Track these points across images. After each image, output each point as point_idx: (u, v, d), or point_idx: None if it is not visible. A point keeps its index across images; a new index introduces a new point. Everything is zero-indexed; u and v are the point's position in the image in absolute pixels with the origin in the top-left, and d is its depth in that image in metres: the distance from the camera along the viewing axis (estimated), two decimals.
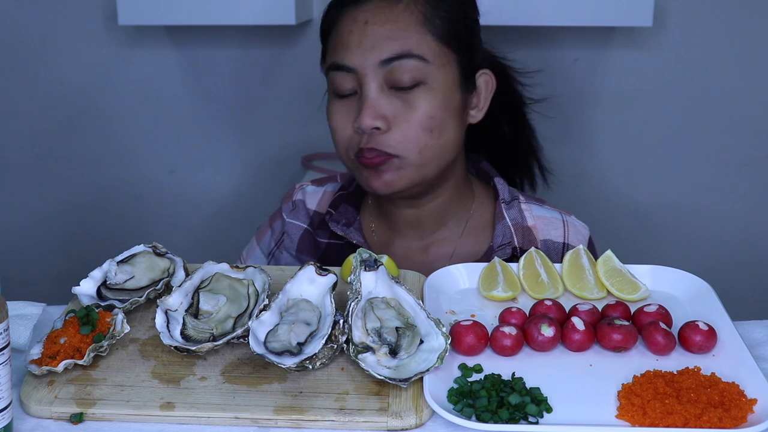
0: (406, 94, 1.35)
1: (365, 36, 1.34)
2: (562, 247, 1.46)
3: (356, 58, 1.34)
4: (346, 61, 1.35)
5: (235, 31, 2.27)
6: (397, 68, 1.33)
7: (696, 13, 2.16)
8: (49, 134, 2.38)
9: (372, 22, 1.35)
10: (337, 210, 1.51)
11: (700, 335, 1.08)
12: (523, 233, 1.45)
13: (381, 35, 1.34)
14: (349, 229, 1.49)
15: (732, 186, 2.31)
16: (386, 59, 1.33)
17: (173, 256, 1.24)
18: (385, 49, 1.33)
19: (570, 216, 1.51)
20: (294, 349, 1.05)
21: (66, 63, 2.31)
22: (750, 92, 2.23)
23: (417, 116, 1.34)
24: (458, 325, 1.09)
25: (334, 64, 1.37)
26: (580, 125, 2.27)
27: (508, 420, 0.96)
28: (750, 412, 0.97)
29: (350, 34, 1.35)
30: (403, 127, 1.35)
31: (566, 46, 2.20)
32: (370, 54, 1.34)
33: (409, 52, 1.34)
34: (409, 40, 1.34)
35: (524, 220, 1.47)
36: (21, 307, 1.19)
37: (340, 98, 1.38)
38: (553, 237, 1.47)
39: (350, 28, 1.36)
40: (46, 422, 1.00)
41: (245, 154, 2.42)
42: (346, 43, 1.36)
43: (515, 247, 1.44)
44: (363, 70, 1.34)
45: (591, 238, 1.51)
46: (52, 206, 2.45)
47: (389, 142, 1.35)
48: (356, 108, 1.36)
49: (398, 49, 1.34)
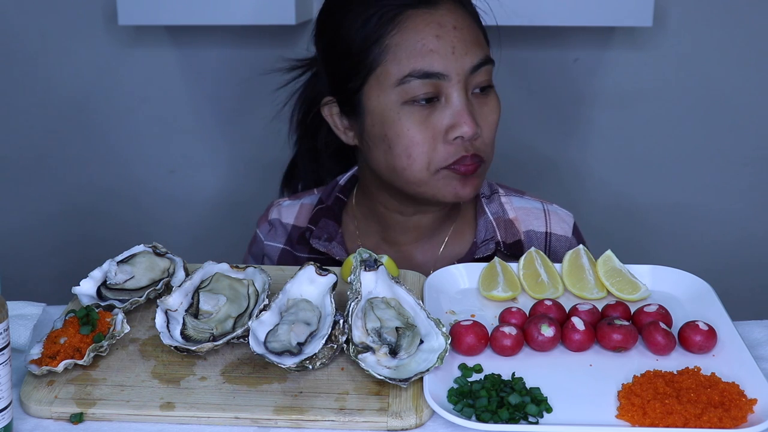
0: (483, 98, 1.34)
1: (458, 41, 1.30)
2: (545, 236, 1.46)
3: (450, 65, 1.29)
4: (437, 68, 1.29)
5: (235, 31, 2.26)
6: (479, 73, 1.32)
7: (696, 13, 2.16)
8: (49, 134, 2.38)
9: (459, 27, 1.31)
10: (317, 225, 1.48)
11: (700, 335, 1.08)
12: (506, 226, 1.44)
13: (470, 41, 1.31)
14: (331, 244, 1.46)
15: (732, 186, 2.31)
16: (477, 65, 1.31)
17: (173, 256, 1.24)
18: (475, 55, 1.31)
19: (552, 205, 1.50)
20: (294, 349, 1.05)
21: (66, 63, 2.30)
22: (750, 92, 2.23)
23: (494, 119, 1.34)
24: (458, 325, 1.09)
25: (421, 72, 1.28)
26: (580, 125, 2.27)
27: (508, 420, 0.96)
28: (750, 412, 0.97)
29: (440, 39, 1.29)
30: (487, 131, 1.33)
31: (566, 46, 2.20)
32: (463, 60, 1.30)
33: (488, 56, 1.34)
34: (483, 44, 1.34)
35: (505, 213, 1.46)
36: (21, 307, 1.19)
37: (421, 106, 1.30)
38: (536, 227, 1.46)
39: (437, 32, 1.29)
40: (46, 422, 1.00)
41: (245, 155, 2.42)
42: (436, 48, 1.29)
43: (498, 242, 1.43)
44: (456, 77, 1.29)
45: (576, 224, 1.50)
46: (52, 206, 2.45)
47: (482, 147, 1.33)
48: (440, 116, 1.30)
49: (482, 55, 1.32)
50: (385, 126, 1.32)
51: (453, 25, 1.30)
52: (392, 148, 1.32)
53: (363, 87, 1.33)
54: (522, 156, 2.24)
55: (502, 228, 1.44)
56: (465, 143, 1.31)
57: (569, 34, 2.17)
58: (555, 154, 2.29)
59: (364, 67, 1.32)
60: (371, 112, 1.33)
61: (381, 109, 1.32)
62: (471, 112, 1.30)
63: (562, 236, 1.47)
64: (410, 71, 1.29)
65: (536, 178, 2.30)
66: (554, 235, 1.46)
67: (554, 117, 2.25)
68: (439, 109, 1.30)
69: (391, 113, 1.31)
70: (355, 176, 1.54)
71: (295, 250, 1.51)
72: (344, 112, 1.40)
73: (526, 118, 2.21)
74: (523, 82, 2.18)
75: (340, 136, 1.43)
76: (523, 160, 2.25)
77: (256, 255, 1.58)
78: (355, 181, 1.54)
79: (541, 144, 2.27)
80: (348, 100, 1.37)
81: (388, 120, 1.31)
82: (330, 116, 1.42)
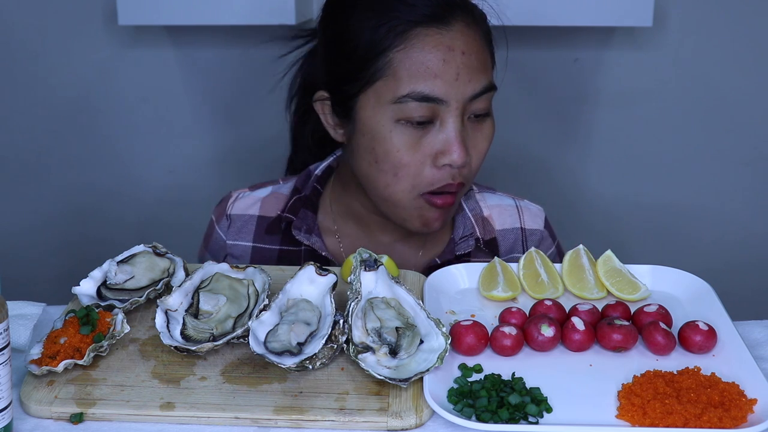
0: (479, 124, 1.30)
1: (463, 67, 1.24)
2: (521, 232, 1.46)
3: (451, 91, 1.24)
4: (437, 93, 1.24)
5: (235, 31, 2.26)
6: (480, 100, 1.27)
7: (696, 13, 2.16)
8: (49, 134, 2.38)
9: (468, 52, 1.25)
10: (297, 216, 1.43)
11: (700, 335, 1.08)
12: (483, 223, 1.44)
13: (475, 68, 1.26)
14: (312, 237, 1.42)
15: (732, 186, 2.31)
16: (478, 93, 1.26)
17: (173, 256, 1.24)
18: (478, 83, 1.26)
19: (523, 201, 1.50)
20: (294, 349, 1.05)
21: (65, 63, 2.30)
22: (750, 92, 2.23)
23: (485, 147, 1.31)
24: (458, 325, 1.09)
25: (421, 95, 1.24)
26: (580, 125, 2.27)
27: (508, 420, 0.96)
28: (750, 412, 0.97)
29: (446, 64, 1.23)
30: (475, 158, 1.30)
31: (566, 46, 2.20)
32: (466, 87, 1.25)
33: (491, 83, 1.29)
34: (488, 70, 1.29)
35: (480, 210, 1.45)
36: (21, 307, 1.19)
37: (414, 127, 1.26)
38: (509, 225, 1.46)
39: (444, 56, 1.24)
40: (46, 422, 1.00)
41: (245, 155, 2.42)
42: (440, 72, 1.23)
43: (478, 238, 1.43)
44: (455, 103, 1.25)
45: (547, 218, 1.50)
46: (52, 206, 2.45)
47: (468, 174, 1.30)
48: (433, 141, 1.26)
49: (486, 82, 1.28)
50: (375, 140, 1.28)
51: (462, 50, 1.25)
52: (378, 163, 1.29)
53: (359, 95, 1.29)
54: (522, 156, 2.24)
55: (480, 225, 1.44)
56: (453, 171, 1.28)
57: (569, 34, 2.17)
58: (555, 154, 2.29)
59: (364, 76, 1.27)
60: (363, 122, 1.29)
61: (373, 122, 1.28)
62: (464, 139, 1.27)
63: (535, 230, 1.48)
64: (409, 92, 1.24)
65: (536, 177, 2.30)
66: (527, 230, 1.47)
67: (554, 117, 2.25)
68: (433, 133, 1.27)
69: (382, 129, 1.27)
70: (331, 167, 1.49)
71: (264, 243, 1.46)
72: (336, 112, 1.36)
73: (525, 118, 2.21)
74: (523, 82, 2.18)
75: (329, 131, 1.38)
76: (522, 160, 2.25)
77: (214, 251, 1.52)
78: (331, 172, 1.49)
79: (541, 144, 2.27)
80: (342, 102, 1.33)
81: (378, 135, 1.27)
82: (321, 111, 1.37)
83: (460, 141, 1.26)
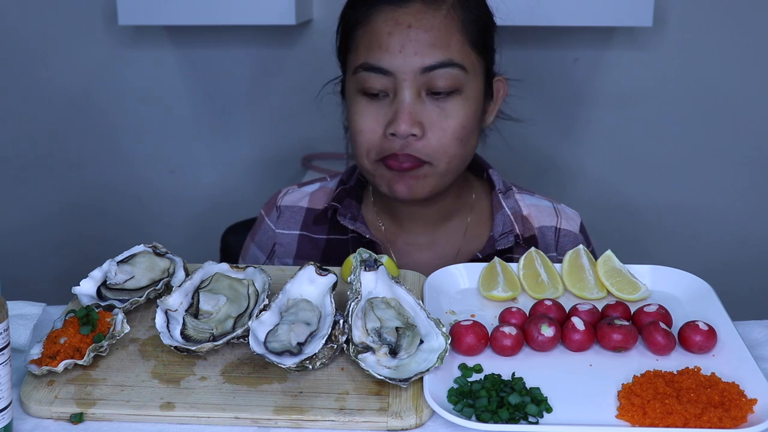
0: (442, 102, 1.33)
1: (408, 40, 1.31)
2: (555, 231, 1.48)
3: (397, 63, 1.31)
4: (384, 64, 1.32)
5: (235, 31, 2.27)
6: (437, 76, 1.31)
7: (696, 13, 2.17)
8: (49, 134, 2.38)
9: (416, 27, 1.31)
10: (342, 204, 1.49)
11: (700, 335, 1.08)
12: (522, 221, 1.46)
13: (425, 41, 1.31)
14: (356, 223, 1.47)
15: (732, 186, 2.31)
16: (429, 66, 1.31)
17: (173, 256, 1.24)
18: (429, 56, 1.31)
19: (560, 204, 1.53)
20: (294, 349, 1.05)
21: (66, 63, 2.31)
22: (750, 92, 2.23)
23: (451, 125, 1.33)
24: (458, 325, 1.09)
25: (369, 65, 1.33)
26: (580, 125, 2.27)
27: (508, 420, 0.96)
28: (750, 412, 0.97)
29: (390, 36, 1.32)
30: (438, 135, 1.33)
31: (566, 46, 2.20)
32: (412, 60, 1.31)
33: (451, 60, 1.32)
34: (451, 48, 1.32)
35: (520, 209, 1.48)
36: (21, 307, 1.19)
37: (369, 98, 1.35)
38: (547, 223, 1.49)
39: (390, 29, 1.32)
40: (46, 422, 1.00)
41: (245, 155, 2.42)
42: (385, 44, 1.32)
43: (517, 234, 1.44)
44: (403, 75, 1.31)
45: (582, 223, 1.53)
46: (52, 206, 2.45)
47: (425, 150, 1.33)
48: (387, 111, 1.34)
49: (441, 57, 1.31)
50: (348, 112, 1.39)
51: (409, 24, 1.31)
52: (351, 134, 1.39)
53: (345, 74, 1.40)
54: (522, 155, 2.24)
55: (519, 222, 1.46)
56: (400, 141, 1.33)
57: (569, 34, 2.17)
58: (555, 154, 2.29)
59: (344, 52, 1.40)
60: (347, 96, 1.41)
61: (348, 95, 1.39)
62: (414, 112, 1.32)
63: (570, 231, 1.50)
64: (362, 63, 1.34)
65: (536, 177, 2.30)
66: (563, 230, 1.49)
67: (554, 117, 2.26)
68: (387, 104, 1.34)
69: (350, 101, 1.38)
70: None
71: (312, 233, 1.52)
72: (342, 94, 1.45)
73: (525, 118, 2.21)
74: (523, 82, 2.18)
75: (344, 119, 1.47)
76: (523, 160, 2.25)
77: (262, 243, 1.56)
78: None
79: (542, 143, 2.27)
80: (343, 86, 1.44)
81: (349, 107, 1.39)
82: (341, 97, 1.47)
83: (407, 112, 1.31)
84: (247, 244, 1.60)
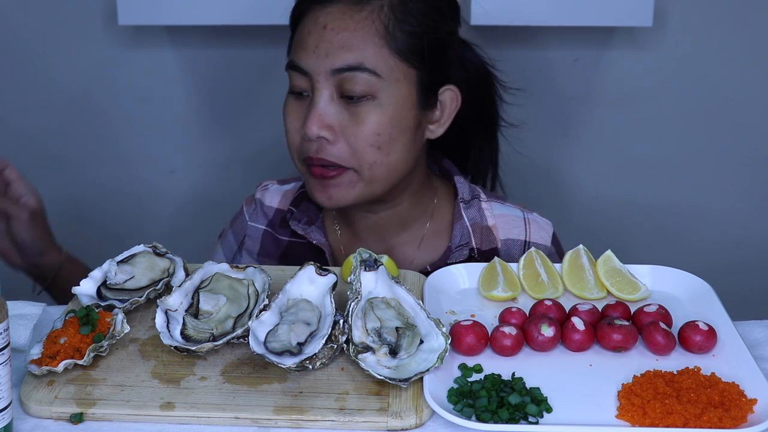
0: (354, 106, 1.31)
1: (321, 41, 1.31)
2: (524, 245, 1.44)
3: (311, 62, 1.31)
4: (301, 63, 1.32)
5: (235, 31, 2.26)
6: (348, 79, 1.29)
7: (696, 13, 2.16)
8: (49, 134, 2.38)
9: (330, 27, 1.31)
10: (298, 208, 1.48)
11: (700, 335, 1.08)
12: (482, 233, 1.43)
13: (336, 43, 1.30)
14: (310, 228, 1.45)
15: (732, 186, 2.31)
16: (338, 68, 1.30)
17: (173, 256, 1.24)
18: (338, 58, 1.29)
19: (532, 213, 1.48)
20: (294, 349, 1.05)
21: (65, 63, 2.30)
22: (750, 92, 2.23)
23: (363, 131, 1.31)
24: (458, 325, 1.09)
25: (292, 63, 1.34)
26: (580, 125, 2.27)
27: (508, 420, 0.96)
28: (750, 412, 0.97)
29: (309, 36, 1.32)
30: (351, 140, 1.31)
31: (566, 46, 2.20)
32: (324, 60, 1.30)
33: (362, 65, 1.30)
34: (364, 52, 1.30)
35: (484, 219, 1.44)
36: (21, 307, 1.19)
37: (295, 97, 1.35)
38: (514, 236, 1.45)
39: (310, 29, 1.33)
40: (46, 422, 1.00)
41: (245, 154, 2.42)
42: (304, 43, 1.33)
43: (473, 248, 1.42)
44: (316, 76, 1.31)
45: (555, 233, 1.49)
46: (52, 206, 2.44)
47: (339, 154, 1.31)
48: (303, 110, 1.33)
49: (351, 60, 1.29)
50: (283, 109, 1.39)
51: (325, 24, 1.31)
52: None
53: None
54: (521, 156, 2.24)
55: (477, 234, 1.42)
56: (315, 144, 1.32)
57: (569, 34, 2.17)
58: (555, 154, 2.28)
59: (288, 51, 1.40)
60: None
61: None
62: (324, 114, 1.30)
63: (541, 245, 1.45)
64: (288, 61, 1.36)
65: (536, 178, 2.30)
66: (533, 243, 1.44)
67: (554, 117, 2.25)
68: (307, 103, 1.33)
69: (286, 96, 1.38)
70: None
71: (277, 233, 1.51)
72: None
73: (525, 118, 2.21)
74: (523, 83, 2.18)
75: None
76: (522, 161, 2.24)
77: (236, 232, 1.57)
78: None
79: (541, 144, 2.27)
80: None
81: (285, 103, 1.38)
82: None
83: (315, 114, 1.31)
84: (226, 228, 1.61)
